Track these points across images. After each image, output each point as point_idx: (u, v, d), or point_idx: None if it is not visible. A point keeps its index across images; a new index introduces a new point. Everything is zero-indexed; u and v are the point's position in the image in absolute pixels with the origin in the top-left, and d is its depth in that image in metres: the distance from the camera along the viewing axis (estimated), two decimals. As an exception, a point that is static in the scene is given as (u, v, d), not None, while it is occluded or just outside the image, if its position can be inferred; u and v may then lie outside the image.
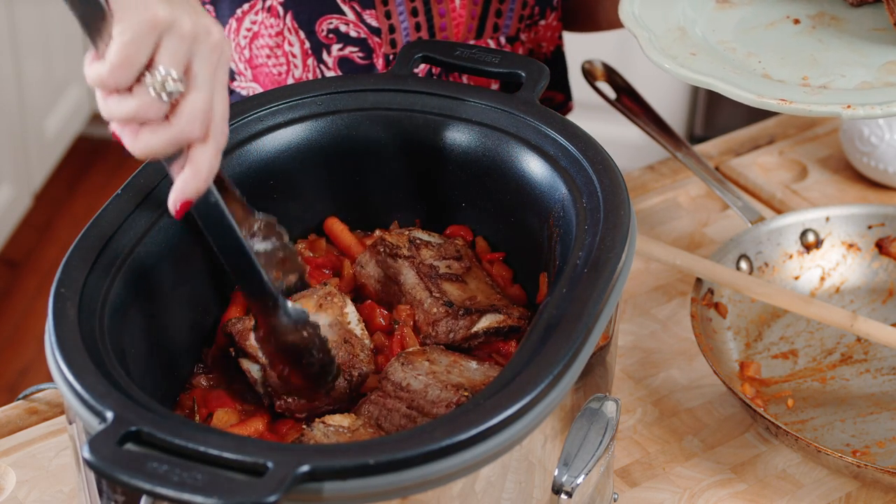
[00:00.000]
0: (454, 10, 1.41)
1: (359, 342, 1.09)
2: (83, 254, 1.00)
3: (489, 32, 1.45)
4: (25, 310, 3.05)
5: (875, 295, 1.42)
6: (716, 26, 1.28)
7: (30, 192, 3.22)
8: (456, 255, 1.15)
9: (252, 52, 1.43)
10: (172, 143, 0.94)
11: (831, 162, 1.62)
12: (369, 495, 0.86)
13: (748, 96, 1.18)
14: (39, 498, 1.18)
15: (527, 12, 1.46)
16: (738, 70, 1.22)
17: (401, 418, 1.01)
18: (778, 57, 1.24)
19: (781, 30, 1.28)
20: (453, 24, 1.42)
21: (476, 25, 1.43)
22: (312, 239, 1.19)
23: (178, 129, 0.93)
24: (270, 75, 1.43)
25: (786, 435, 1.19)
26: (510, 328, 1.10)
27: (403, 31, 1.40)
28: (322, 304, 1.10)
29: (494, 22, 1.44)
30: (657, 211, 1.54)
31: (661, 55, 1.22)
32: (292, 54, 1.41)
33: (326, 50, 1.41)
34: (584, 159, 1.10)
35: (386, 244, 1.14)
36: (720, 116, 3.19)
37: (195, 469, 0.83)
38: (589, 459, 1.00)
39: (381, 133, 1.17)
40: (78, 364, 0.91)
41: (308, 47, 1.40)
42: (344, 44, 1.40)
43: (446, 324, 1.09)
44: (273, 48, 1.41)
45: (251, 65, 1.44)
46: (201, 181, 0.96)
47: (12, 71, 3.03)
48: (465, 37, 1.43)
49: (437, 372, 1.04)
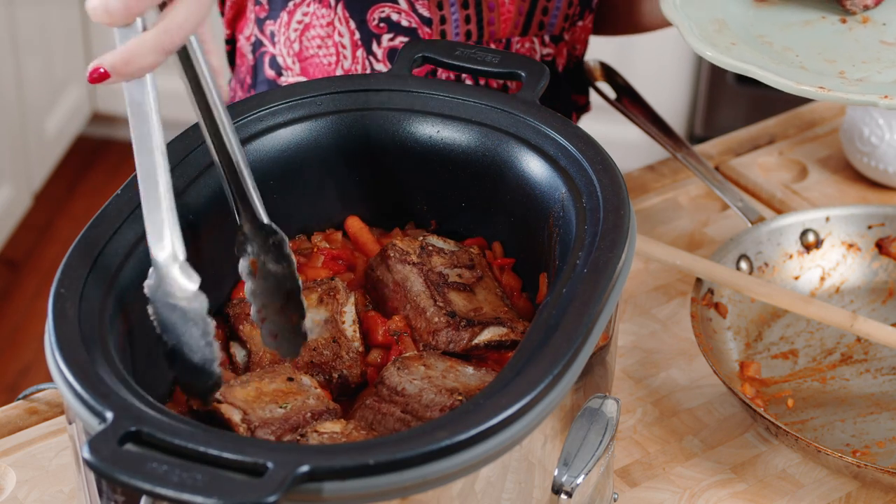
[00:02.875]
0: (503, 6, 1.43)
1: (346, 344, 1.08)
2: (83, 254, 0.99)
3: (534, 30, 1.46)
4: (25, 310, 3.05)
5: (875, 295, 1.42)
6: (754, 22, 1.32)
7: (30, 192, 3.22)
8: (468, 264, 1.14)
9: (302, 44, 1.44)
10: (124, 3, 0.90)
11: (831, 162, 1.62)
12: (369, 495, 0.86)
13: (787, 83, 1.21)
14: (39, 498, 1.18)
15: (571, 11, 1.48)
16: (776, 61, 1.26)
17: (395, 422, 1.01)
18: (815, 52, 1.28)
19: (818, 28, 1.32)
20: (501, 20, 1.44)
21: (523, 22, 1.45)
22: (330, 232, 1.19)
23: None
24: (321, 66, 1.45)
25: (786, 435, 1.19)
26: (512, 342, 1.09)
27: (454, 23, 1.42)
28: (324, 298, 1.10)
29: (540, 20, 1.46)
30: (657, 211, 1.54)
31: (701, 43, 1.26)
32: (342, 45, 1.43)
33: (376, 40, 1.42)
34: (584, 159, 1.10)
35: (396, 249, 1.14)
36: (720, 116, 3.19)
37: (195, 469, 0.83)
38: (589, 459, 1.00)
39: (380, 133, 1.17)
40: (78, 364, 0.91)
41: (358, 38, 1.42)
42: (395, 33, 1.42)
43: (447, 334, 1.08)
44: (324, 38, 1.43)
45: (300, 58, 1.45)
46: (121, 62, 0.92)
47: (12, 71, 3.03)
48: (512, 32, 1.45)
49: (433, 376, 1.03)
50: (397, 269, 1.13)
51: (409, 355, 1.06)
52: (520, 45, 1.47)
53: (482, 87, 1.19)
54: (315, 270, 1.15)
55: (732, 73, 3.11)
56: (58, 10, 3.21)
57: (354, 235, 1.19)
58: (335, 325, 1.09)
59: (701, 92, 3.18)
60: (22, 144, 3.12)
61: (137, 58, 0.92)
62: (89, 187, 3.40)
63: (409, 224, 1.21)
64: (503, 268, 1.17)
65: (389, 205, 1.21)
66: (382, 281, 1.14)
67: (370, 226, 1.20)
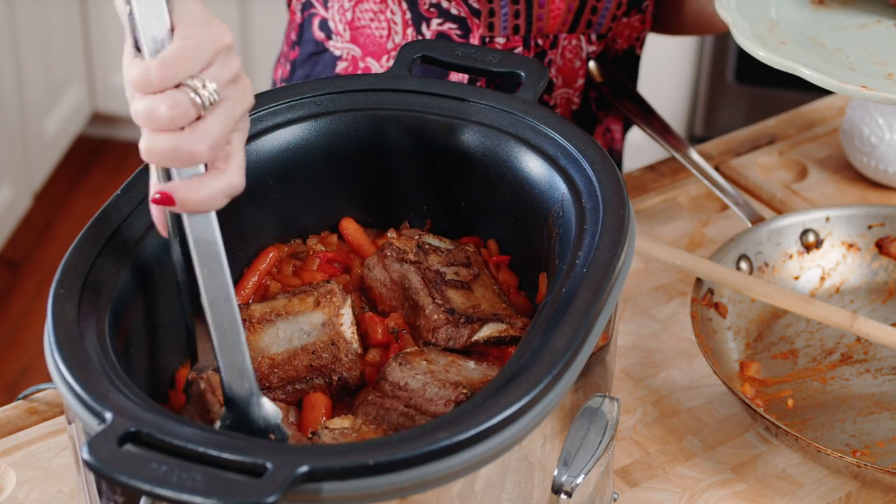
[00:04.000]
0: (553, 2, 1.44)
1: (346, 346, 1.08)
2: (83, 254, 0.99)
3: (582, 28, 1.48)
4: (25, 310, 3.05)
5: (875, 295, 1.42)
6: (809, 24, 1.34)
7: (30, 191, 3.22)
8: (465, 262, 1.15)
9: (355, 14, 1.46)
10: (175, 150, 0.90)
11: (831, 162, 1.62)
12: (369, 495, 0.86)
13: (831, 82, 1.23)
14: (39, 498, 1.18)
15: (620, 12, 1.49)
16: (824, 61, 1.28)
17: (398, 417, 1.01)
18: (866, 55, 1.29)
19: (873, 31, 1.34)
20: (550, 16, 1.45)
21: (571, 19, 1.46)
22: (325, 235, 1.19)
23: (186, 139, 0.89)
24: (372, 37, 1.46)
25: (786, 435, 1.19)
26: (511, 338, 1.09)
27: (503, 16, 1.43)
28: (321, 301, 1.10)
29: (589, 18, 1.47)
30: (657, 211, 1.54)
31: (752, 42, 1.28)
32: (393, 21, 1.45)
33: (426, 23, 1.44)
34: (583, 159, 1.10)
35: (393, 248, 1.14)
36: (720, 116, 3.19)
37: (194, 470, 0.83)
38: (589, 459, 1.00)
39: (380, 133, 1.17)
40: (77, 364, 0.91)
41: (409, 18, 1.44)
42: (444, 19, 1.44)
43: (446, 331, 1.09)
44: (377, 13, 1.45)
45: (352, 26, 1.47)
46: (191, 194, 0.91)
47: (12, 71, 3.03)
48: (560, 29, 1.46)
49: (435, 371, 1.03)
50: (395, 267, 1.13)
51: (410, 351, 1.06)
52: (566, 41, 1.48)
53: (482, 87, 1.19)
54: (311, 274, 1.15)
55: (732, 73, 3.12)
56: (58, 10, 3.21)
57: (349, 237, 1.19)
58: (333, 327, 1.09)
59: (701, 92, 3.18)
60: (22, 144, 3.12)
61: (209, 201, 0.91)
62: (89, 187, 3.40)
63: (403, 224, 1.21)
64: (499, 265, 1.17)
65: (389, 204, 1.21)
66: (379, 280, 1.14)
67: (365, 227, 1.20)
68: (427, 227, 1.21)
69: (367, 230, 1.20)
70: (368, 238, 1.19)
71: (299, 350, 1.08)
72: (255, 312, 1.09)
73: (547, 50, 1.47)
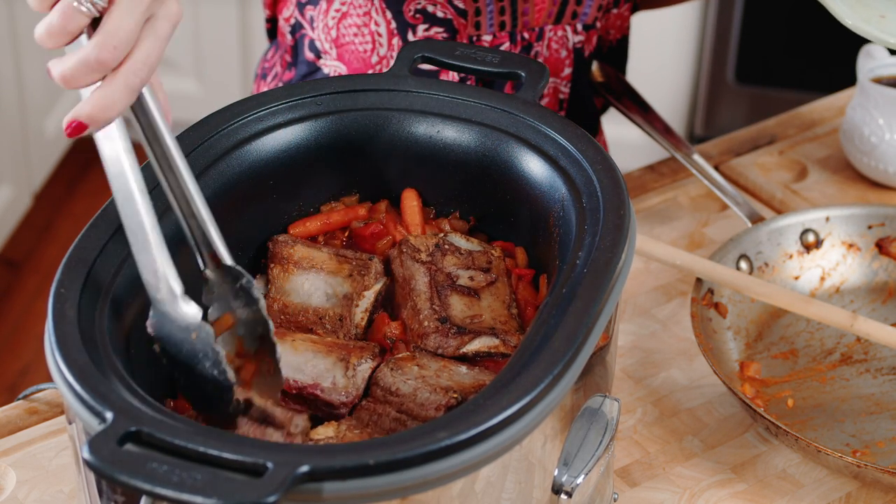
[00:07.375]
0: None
1: (348, 326, 1.09)
2: (83, 254, 1.00)
3: (567, 19, 1.48)
4: (25, 310, 3.05)
5: (875, 295, 1.42)
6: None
7: (30, 192, 3.22)
8: (484, 267, 1.13)
9: (339, 31, 1.47)
10: (84, 64, 0.90)
11: (831, 162, 1.62)
12: (369, 495, 0.86)
13: None
14: (39, 498, 1.18)
15: (605, 1, 1.48)
16: None
17: (390, 422, 1.01)
18: None
19: None
20: (535, 10, 1.45)
21: (556, 11, 1.47)
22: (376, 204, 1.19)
23: (91, 49, 0.89)
24: (356, 53, 1.47)
25: (786, 435, 1.19)
26: (502, 355, 1.08)
27: (488, 14, 1.43)
28: (353, 273, 1.10)
29: (574, 9, 1.47)
30: (657, 211, 1.54)
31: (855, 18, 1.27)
32: (378, 34, 1.45)
33: (412, 30, 1.45)
34: (584, 159, 1.10)
35: (409, 245, 1.13)
36: (720, 116, 3.19)
37: (195, 469, 0.83)
38: (589, 459, 1.00)
39: (380, 133, 1.17)
40: (78, 364, 0.91)
41: (394, 27, 1.45)
42: (430, 24, 1.44)
43: (435, 339, 1.08)
44: (360, 27, 1.45)
45: (337, 44, 1.48)
46: (97, 108, 0.92)
47: (12, 71, 3.03)
48: (545, 22, 1.47)
49: (427, 376, 1.03)
50: (407, 265, 1.13)
51: (401, 356, 1.06)
52: (552, 32, 1.48)
53: (482, 87, 1.19)
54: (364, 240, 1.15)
55: (732, 73, 3.12)
56: (58, 10, 3.21)
57: (402, 211, 1.17)
58: (349, 304, 1.09)
59: (701, 92, 3.18)
60: (22, 144, 3.12)
61: (111, 102, 0.91)
62: (89, 187, 3.40)
63: (453, 214, 1.20)
64: (521, 277, 1.15)
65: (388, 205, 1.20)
66: (396, 273, 1.14)
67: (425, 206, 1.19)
68: (471, 224, 1.20)
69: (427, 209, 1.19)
70: (421, 219, 1.18)
71: (311, 309, 1.09)
72: (295, 253, 1.11)
73: (533, 42, 1.48)
